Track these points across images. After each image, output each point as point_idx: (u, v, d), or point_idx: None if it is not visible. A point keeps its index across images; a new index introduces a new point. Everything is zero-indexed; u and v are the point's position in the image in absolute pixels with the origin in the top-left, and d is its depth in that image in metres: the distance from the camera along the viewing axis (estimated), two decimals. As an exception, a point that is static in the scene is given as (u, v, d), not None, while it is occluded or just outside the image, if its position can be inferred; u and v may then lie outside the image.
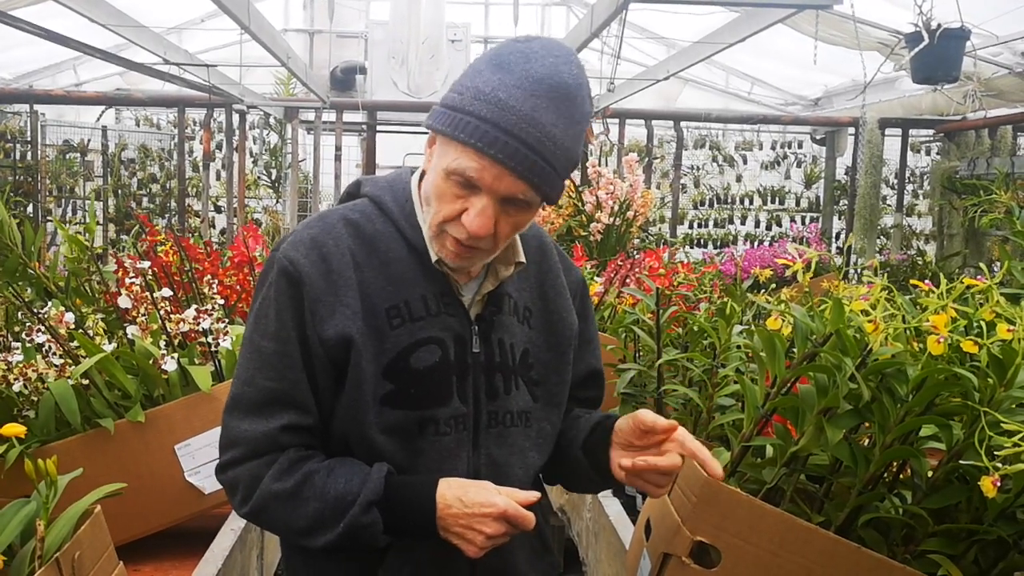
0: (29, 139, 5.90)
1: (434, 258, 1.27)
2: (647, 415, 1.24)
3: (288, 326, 1.24)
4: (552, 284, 1.41)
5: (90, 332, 2.12)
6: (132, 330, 2.14)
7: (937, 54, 3.69)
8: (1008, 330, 1.18)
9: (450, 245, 1.23)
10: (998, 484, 1.09)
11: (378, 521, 1.21)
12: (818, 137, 6.92)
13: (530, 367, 1.35)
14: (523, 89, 1.14)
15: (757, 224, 7.69)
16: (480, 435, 1.30)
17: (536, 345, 1.36)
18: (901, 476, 1.35)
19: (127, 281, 2.28)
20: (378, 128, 6.70)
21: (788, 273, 1.43)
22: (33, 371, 1.93)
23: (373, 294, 1.26)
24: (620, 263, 3.27)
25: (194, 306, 2.24)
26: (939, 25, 3.62)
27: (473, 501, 1.19)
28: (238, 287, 2.79)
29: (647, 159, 6.51)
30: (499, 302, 1.33)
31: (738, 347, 1.86)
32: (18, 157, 6.00)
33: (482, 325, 1.31)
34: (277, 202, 7.77)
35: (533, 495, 1.21)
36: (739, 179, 7.80)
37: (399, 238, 1.29)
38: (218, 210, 7.15)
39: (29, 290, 2.58)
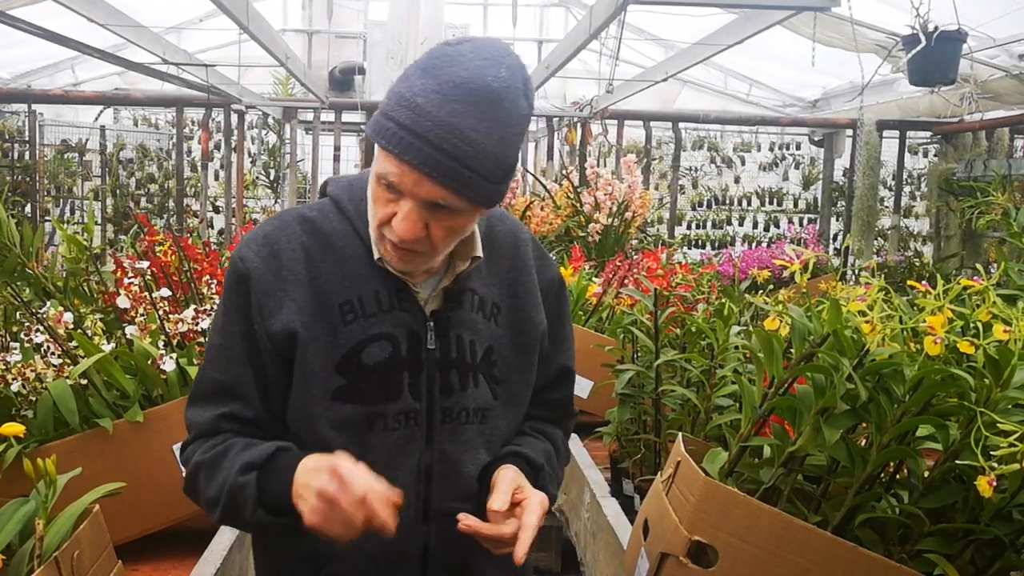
0: (27, 139, 5.90)
1: (376, 256, 1.27)
2: (500, 486, 1.24)
3: (233, 320, 1.27)
4: (523, 282, 1.40)
5: (89, 332, 2.12)
6: (131, 330, 2.14)
7: (934, 56, 3.69)
8: (1004, 331, 1.18)
9: (389, 247, 1.23)
10: (994, 484, 1.10)
11: (251, 484, 1.20)
12: (816, 139, 6.93)
13: (493, 364, 1.34)
14: (442, 94, 1.12)
15: (755, 225, 7.70)
16: (434, 431, 1.29)
17: (502, 343, 1.35)
18: (898, 476, 1.35)
19: (126, 281, 2.28)
20: (376, 129, 6.69)
21: (786, 274, 1.43)
22: (31, 371, 1.93)
23: (328, 290, 1.27)
24: (618, 264, 3.27)
25: (192, 306, 2.25)
26: (936, 28, 3.63)
27: (322, 459, 1.16)
28: (236, 287, 2.79)
29: (645, 160, 6.51)
30: (459, 298, 1.32)
31: (736, 348, 1.87)
32: (16, 157, 5.99)
33: (438, 321, 1.30)
34: (275, 202, 7.77)
35: (395, 494, 1.15)
36: (737, 180, 7.81)
37: (354, 235, 1.30)
38: (216, 210, 7.15)
39: (27, 290, 2.58)
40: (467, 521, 1.22)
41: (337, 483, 1.13)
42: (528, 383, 1.39)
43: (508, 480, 1.26)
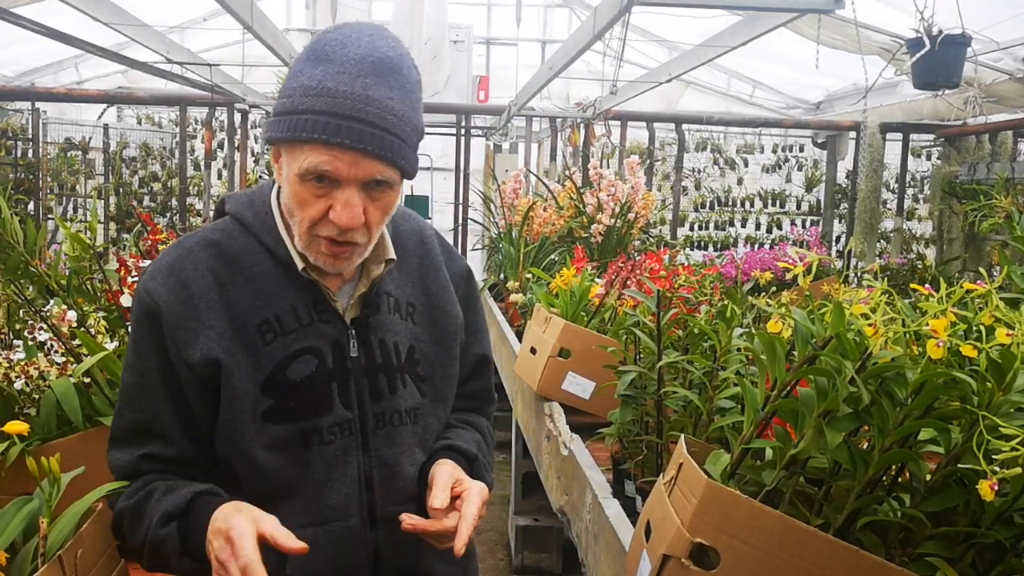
0: (31, 137, 5.90)
1: (300, 266, 1.25)
2: (438, 482, 1.24)
3: (145, 358, 1.23)
4: (435, 278, 1.40)
5: (92, 330, 2.13)
6: (134, 328, 2.14)
7: (938, 60, 3.69)
8: (1007, 334, 1.18)
9: (324, 248, 1.21)
10: (996, 488, 1.09)
11: (174, 536, 1.18)
12: (819, 141, 6.93)
13: (416, 363, 1.34)
14: (349, 73, 1.13)
15: (758, 227, 7.70)
16: (369, 438, 1.28)
17: (421, 341, 1.35)
18: (900, 479, 1.35)
19: (129, 280, 2.29)
20: (379, 128, 6.69)
21: (788, 276, 1.43)
22: (35, 369, 1.93)
23: (242, 312, 1.24)
24: (621, 265, 3.27)
25: (196, 305, 2.24)
26: (940, 31, 3.63)
27: (224, 518, 1.14)
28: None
29: (648, 161, 6.51)
30: (377, 302, 1.31)
31: (738, 350, 1.87)
32: (19, 155, 6.00)
33: (359, 328, 1.29)
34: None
35: (297, 546, 1.12)
36: (740, 182, 7.81)
37: (263, 252, 1.27)
38: (219, 209, 7.15)
39: (31, 288, 2.58)
40: (410, 520, 1.22)
41: (229, 550, 1.12)
42: (452, 377, 1.40)
43: (446, 475, 1.27)
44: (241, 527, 1.12)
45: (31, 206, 5.77)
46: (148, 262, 2.35)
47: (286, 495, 1.26)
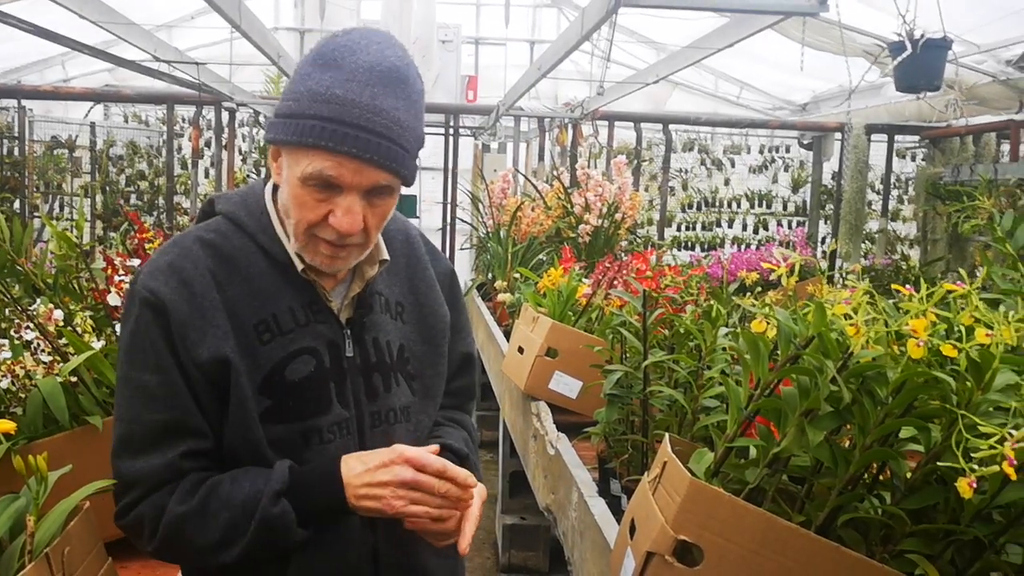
0: (16, 135, 5.86)
1: (300, 267, 1.26)
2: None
3: (164, 355, 1.22)
4: (422, 277, 1.42)
5: (79, 329, 2.12)
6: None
7: (920, 63, 3.73)
8: (986, 334, 1.19)
9: (323, 249, 1.23)
10: (974, 485, 1.11)
11: (289, 511, 1.19)
12: (805, 142, 6.96)
13: (407, 362, 1.36)
14: (357, 81, 1.15)
15: (744, 227, 7.73)
16: (366, 436, 1.30)
17: (411, 340, 1.37)
18: (880, 477, 1.37)
19: (116, 279, 2.28)
20: (367, 128, 6.68)
21: (774, 276, 1.44)
22: (21, 368, 1.93)
23: (240, 312, 1.24)
24: (608, 265, 3.28)
25: (183, 304, 2.24)
26: (922, 35, 3.67)
27: (374, 456, 1.21)
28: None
29: (636, 162, 6.53)
30: (370, 302, 1.33)
31: (723, 349, 1.88)
32: (5, 153, 5.96)
33: (354, 328, 1.31)
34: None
35: (434, 447, 1.26)
36: (727, 182, 7.84)
37: (259, 252, 1.28)
38: (206, 208, 7.12)
39: (17, 287, 2.57)
40: (408, 524, 1.24)
41: (412, 468, 1.19)
42: (441, 374, 1.42)
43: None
44: (403, 448, 1.20)
45: (17, 204, 5.74)
46: (136, 261, 2.34)
47: None
